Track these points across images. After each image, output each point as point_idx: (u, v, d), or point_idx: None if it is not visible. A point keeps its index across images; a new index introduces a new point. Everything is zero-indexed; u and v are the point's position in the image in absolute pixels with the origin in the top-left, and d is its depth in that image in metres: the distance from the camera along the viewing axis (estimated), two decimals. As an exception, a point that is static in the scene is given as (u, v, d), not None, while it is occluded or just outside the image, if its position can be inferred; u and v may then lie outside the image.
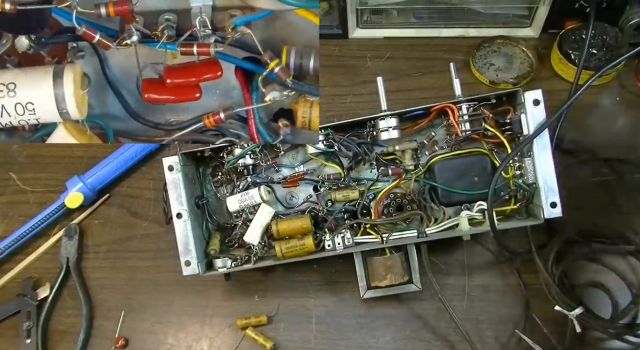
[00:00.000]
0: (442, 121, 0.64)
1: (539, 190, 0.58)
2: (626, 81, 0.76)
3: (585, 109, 0.74)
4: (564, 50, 0.75)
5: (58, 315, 0.71)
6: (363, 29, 0.84)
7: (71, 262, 0.73)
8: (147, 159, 0.79)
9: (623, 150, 0.71)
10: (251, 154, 0.64)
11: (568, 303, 0.59)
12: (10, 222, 0.77)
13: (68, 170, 0.77)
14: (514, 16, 0.81)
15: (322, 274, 0.68)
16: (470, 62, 0.79)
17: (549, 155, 0.58)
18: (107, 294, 0.71)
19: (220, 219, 0.68)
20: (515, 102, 0.60)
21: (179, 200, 0.62)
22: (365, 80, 0.81)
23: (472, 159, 0.62)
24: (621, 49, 0.73)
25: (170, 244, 0.70)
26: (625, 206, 0.68)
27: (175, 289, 0.70)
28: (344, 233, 0.62)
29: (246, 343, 0.66)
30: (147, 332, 0.69)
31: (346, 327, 0.66)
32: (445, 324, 0.64)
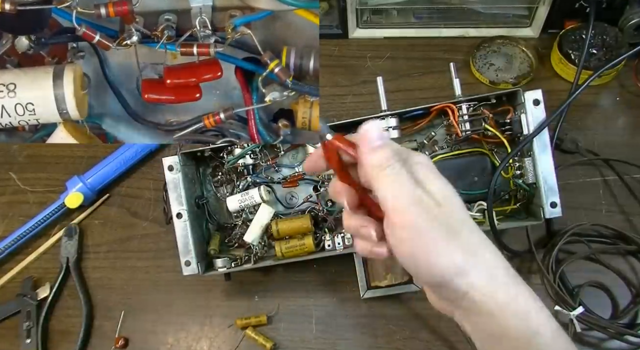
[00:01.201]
0: (442, 121, 0.64)
1: (539, 190, 0.58)
2: (626, 81, 0.76)
3: (585, 109, 0.74)
4: (564, 50, 0.75)
5: (58, 315, 0.71)
6: (363, 29, 0.84)
7: (71, 262, 0.73)
8: (147, 159, 0.79)
9: (623, 150, 0.71)
10: (251, 154, 0.64)
11: (568, 303, 0.60)
12: (10, 222, 0.77)
13: (68, 170, 0.77)
14: (514, 16, 0.81)
15: (322, 274, 0.68)
16: (470, 62, 0.79)
17: (549, 155, 0.58)
18: (107, 294, 0.71)
19: (220, 219, 0.68)
20: (515, 102, 0.60)
21: (179, 200, 0.62)
22: (365, 80, 0.81)
23: (472, 159, 0.62)
24: (621, 49, 0.73)
25: (170, 244, 0.70)
26: (625, 206, 0.68)
27: (175, 289, 0.70)
28: (344, 233, 0.62)
29: (246, 343, 0.66)
30: (147, 332, 0.69)
31: (346, 327, 0.66)
32: (445, 324, 0.64)
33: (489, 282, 0.35)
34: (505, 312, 0.35)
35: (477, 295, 0.35)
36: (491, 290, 0.35)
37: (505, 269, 0.36)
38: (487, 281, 0.35)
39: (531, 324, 0.35)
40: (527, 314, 0.35)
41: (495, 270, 0.36)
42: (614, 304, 0.63)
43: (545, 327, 0.36)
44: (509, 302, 0.35)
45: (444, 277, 0.35)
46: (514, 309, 0.35)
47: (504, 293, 0.35)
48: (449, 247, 0.34)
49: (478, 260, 0.35)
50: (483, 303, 0.35)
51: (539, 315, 0.36)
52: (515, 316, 0.35)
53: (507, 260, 0.37)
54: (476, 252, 0.35)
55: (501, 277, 0.36)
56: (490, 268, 0.36)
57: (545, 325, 0.36)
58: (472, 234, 0.36)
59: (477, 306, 0.35)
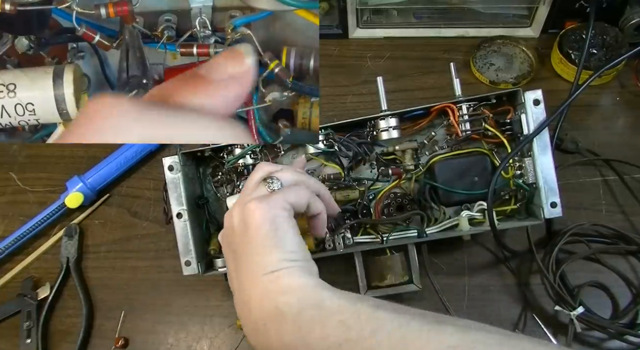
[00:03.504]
0: (442, 121, 0.64)
1: (539, 190, 0.58)
2: (626, 81, 0.76)
3: (585, 109, 0.74)
4: (564, 50, 0.75)
5: (58, 315, 0.71)
6: (363, 29, 0.84)
7: (71, 262, 0.73)
8: (147, 159, 0.79)
9: (623, 150, 0.71)
10: (251, 154, 0.64)
11: (568, 303, 0.60)
12: (10, 222, 0.77)
13: (68, 170, 0.77)
14: (514, 16, 0.81)
15: (322, 274, 0.68)
16: (470, 62, 0.79)
17: (549, 155, 0.58)
18: (107, 294, 0.71)
19: (220, 219, 0.68)
20: (516, 102, 0.60)
21: (179, 200, 0.62)
22: (365, 80, 0.81)
23: (472, 159, 0.62)
24: (621, 49, 0.73)
25: (170, 244, 0.70)
26: (625, 206, 0.68)
27: (175, 289, 0.70)
28: (344, 233, 0.62)
29: (246, 343, 0.66)
30: (147, 332, 0.69)
31: (346, 327, 0.66)
32: (445, 324, 0.64)
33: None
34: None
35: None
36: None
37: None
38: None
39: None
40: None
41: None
42: (614, 304, 0.63)
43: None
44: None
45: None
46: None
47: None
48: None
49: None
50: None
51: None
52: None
53: (507, 260, 0.38)
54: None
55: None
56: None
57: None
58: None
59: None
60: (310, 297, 0.40)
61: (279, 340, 0.39)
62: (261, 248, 0.42)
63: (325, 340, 0.37)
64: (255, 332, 0.42)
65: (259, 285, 0.41)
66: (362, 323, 0.37)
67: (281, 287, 0.41)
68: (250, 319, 0.42)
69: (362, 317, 0.37)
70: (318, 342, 0.37)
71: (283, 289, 0.41)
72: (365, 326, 0.37)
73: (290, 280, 0.41)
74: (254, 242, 0.42)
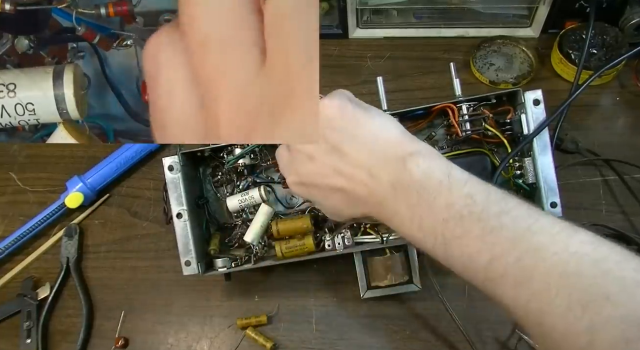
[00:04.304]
0: (442, 121, 0.64)
1: (539, 190, 0.58)
2: (626, 81, 0.76)
3: (585, 109, 0.74)
4: (564, 50, 0.75)
5: (58, 315, 0.71)
6: (363, 29, 0.84)
7: (71, 262, 0.73)
8: (147, 159, 0.79)
9: (623, 150, 0.71)
10: (251, 154, 0.64)
11: (568, 303, 0.59)
12: (10, 222, 0.77)
13: (68, 170, 0.77)
14: (514, 16, 0.81)
15: (322, 274, 0.68)
16: (470, 62, 0.79)
17: (549, 155, 0.58)
18: (107, 294, 0.71)
19: (220, 219, 0.68)
20: (516, 102, 0.60)
21: (179, 200, 0.62)
22: (365, 80, 0.81)
23: (472, 159, 0.62)
24: (621, 49, 0.73)
25: (170, 244, 0.70)
26: (626, 206, 0.68)
27: (175, 289, 0.70)
28: (344, 233, 0.62)
29: (246, 343, 0.66)
30: (147, 332, 0.69)
31: (346, 327, 0.66)
32: (445, 324, 0.64)
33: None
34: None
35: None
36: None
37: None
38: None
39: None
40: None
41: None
42: (614, 304, 0.63)
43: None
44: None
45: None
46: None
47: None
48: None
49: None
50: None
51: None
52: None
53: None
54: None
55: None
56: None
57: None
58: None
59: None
60: (440, 164, 0.41)
61: (406, 201, 0.40)
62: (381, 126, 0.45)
63: (450, 208, 0.37)
64: (385, 200, 0.41)
65: (385, 152, 0.43)
66: (489, 202, 0.37)
67: (411, 151, 0.42)
68: (382, 185, 0.41)
69: (491, 197, 0.37)
70: (442, 209, 0.38)
71: (413, 152, 0.41)
72: (493, 206, 0.36)
73: (419, 146, 0.43)
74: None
